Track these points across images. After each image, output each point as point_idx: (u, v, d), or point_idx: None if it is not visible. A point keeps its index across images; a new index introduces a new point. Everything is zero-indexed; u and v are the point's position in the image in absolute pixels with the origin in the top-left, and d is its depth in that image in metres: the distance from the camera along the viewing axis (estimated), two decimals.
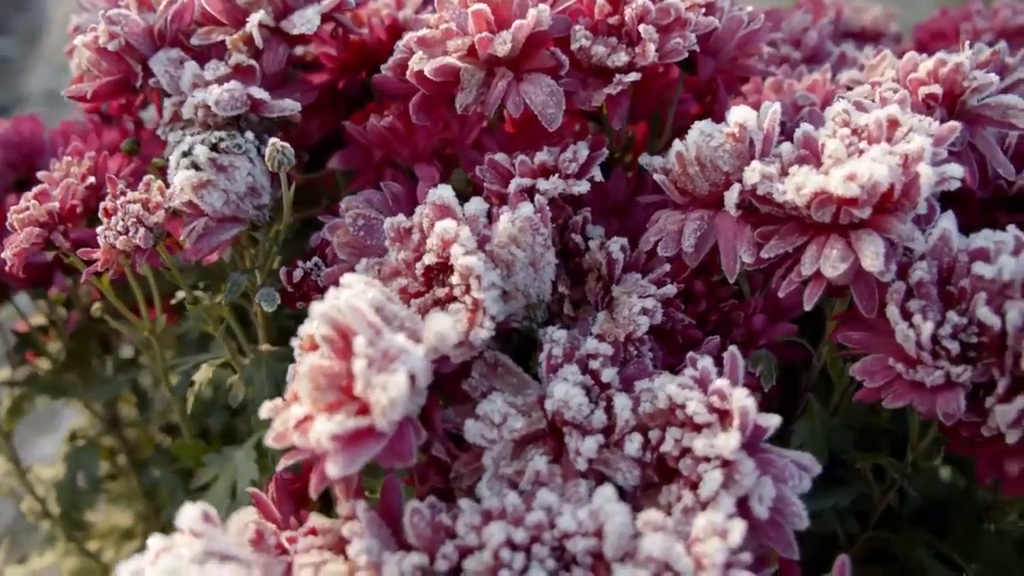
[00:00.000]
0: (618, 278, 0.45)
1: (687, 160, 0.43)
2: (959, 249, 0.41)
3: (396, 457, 0.36)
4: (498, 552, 0.34)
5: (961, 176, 0.41)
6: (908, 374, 0.40)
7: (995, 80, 0.48)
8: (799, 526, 0.37)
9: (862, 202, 0.39)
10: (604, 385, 0.40)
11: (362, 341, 0.34)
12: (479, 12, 0.44)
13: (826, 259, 0.39)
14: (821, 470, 0.45)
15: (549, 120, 0.44)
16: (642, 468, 0.39)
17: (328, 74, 0.56)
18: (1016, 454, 0.39)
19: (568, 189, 0.44)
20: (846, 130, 0.43)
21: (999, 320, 0.39)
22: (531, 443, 0.40)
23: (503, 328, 0.44)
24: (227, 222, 0.45)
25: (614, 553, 0.34)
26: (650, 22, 0.46)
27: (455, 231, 0.40)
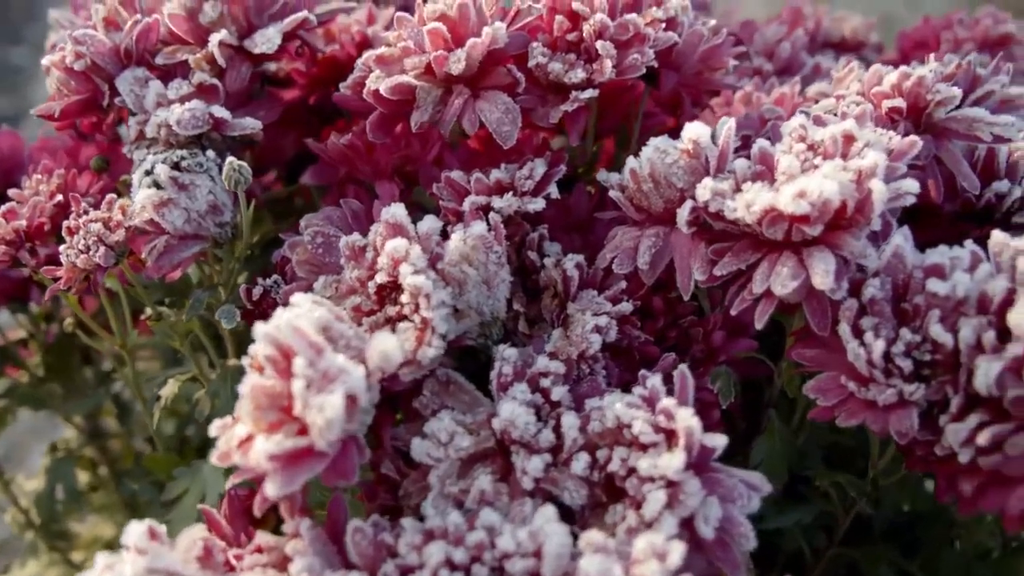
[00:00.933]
0: (574, 295, 0.45)
1: (641, 177, 0.43)
2: (914, 265, 0.40)
3: (339, 476, 0.36)
4: (437, 572, 0.34)
5: (917, 191, 0.41)
6: (860, 392, 0.39)
7: (958, 93, 0.47)
8: (747, 547, 0.37)
9: (813, 219, 0.39)
10: (554, 404, 0.40)
11: (301, 362, 0.34)
12: (435, 30, 0.44)
13: (777, 276, 0.39)
14: (773, 488, 0.45)
15: (504, 137, 0.44)
16: (590, 487, 0.39)
17: (300, 90, 0.57)
18: (969, 473, 0.38)
19: (523, 207, 0.44)
20: (802, 145, 0.43)
21: (952, 338, 0.38)
22: (479, 462, 0.40)
23: (457, 346, 0.44)
24: (188, 240, 0.46)
25: (552, 573, 0.34)
26: (608, 38, 0.46)
27: (405, 250, 0.40)
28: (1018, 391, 0.36)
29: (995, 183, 0.51)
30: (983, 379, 0.37)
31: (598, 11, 0.46)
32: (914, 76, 0.48)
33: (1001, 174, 0.51)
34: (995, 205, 0.51)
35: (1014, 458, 0.37)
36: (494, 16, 0.46)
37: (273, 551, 0.37)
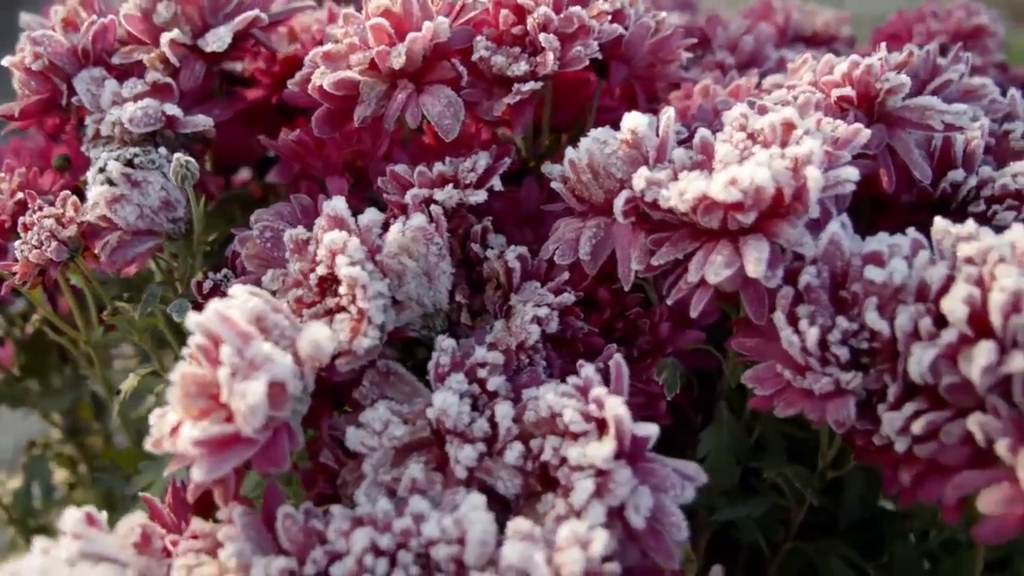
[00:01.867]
0: (517, 287, 0.45)
1: (580, 168, 0.43)
2: (853, 253, 0.40)
3: (270, 463, 0.37)
4: (362, 558, 0.35)
5: (856, 179, 0.41)
6: (797, 381, 0.39)
7: (906, 81, 0.47)
8: (678, 536, 0.37)
9: (747, 207, 0.39)
10: (491, 394, 0.41)
11: (228, 350, 0.35)
12: (378, 26, 0.45)
13: (711, 265, 0.39)
14: (721, 480, 0.45)
15: (446, 131, 0.44)
16: (524, 477, 0.39)
17: (263, 89, 0.58)
18: (908, 462, 0.38)
19: (465, 199, 0.44)
20: (742, 134, 0.43)
21: (888, 325, 0.38)
22: (415, 451, 0.40)
23: (400, 337, 0.45)
24: (142, 235, 0.46)
25: (475, 561, 0.34)
26: (553, 31, 0.46)
27: (343, 242, 0.41)
28: (952, 378, 0.36)
29: (951, 172, 0.50)
30: (916, 366, 0.36)
31: (542, 4, 0.46)
32: (863, 65, 0.47)
33: (957, 163, 0.51)
34: (951, 195, 0.50)
35: (950, 447, 0.36)
36: (440, 11, 0.47)
37: (207, 537, 0.37)
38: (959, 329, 0.36)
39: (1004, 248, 0.38)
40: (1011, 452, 0.34)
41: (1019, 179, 0.49)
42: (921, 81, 0.54)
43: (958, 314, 0.36)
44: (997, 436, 0.35)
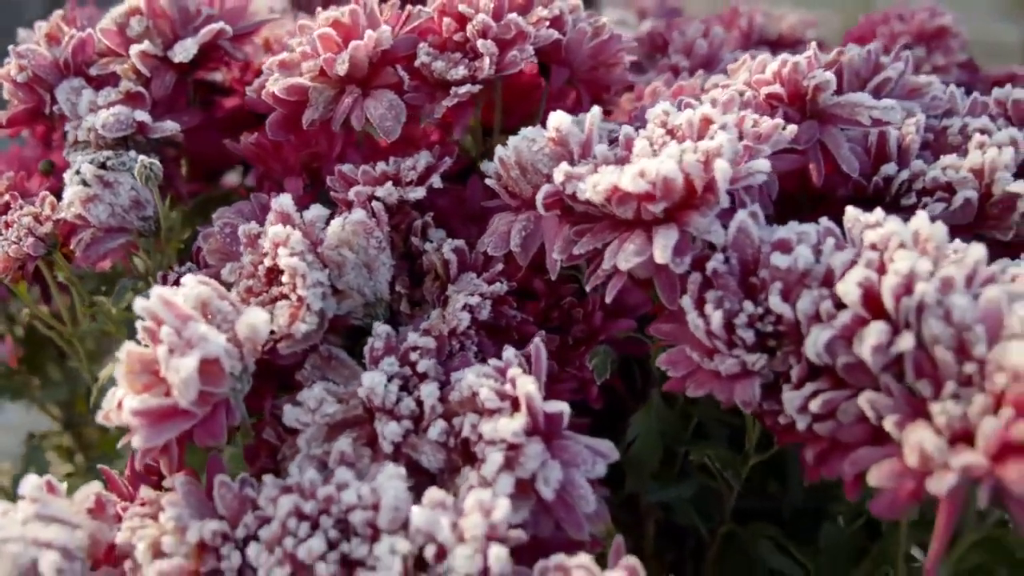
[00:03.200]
0: (454, 278, 0.48)
1: (508, 164, 0.46)
2: (763, 241, 0.42)
3: (208, 435, 0.40)
4: (286, 521, 0.37)
5: (767, 170, 0.43)
6: (705, 363, 0.41)
7: (830, 79, 0.49)
8: (587, 508, 0.39)
9: (657, 197, 0.41)
10: (421, 375, 0.43)
11: (167, 330, 0.38)
12: (325, 35, 0.48)
13: (623, 252, 0.41)
14: (649, 463, 0.47)
15: (387, 132, 0.47)
16: (447, 452, 0.41)
17: (239, 98, 0.62)
18: (813, 441, 0.39)
19: (405, 195, 0.47)
20: (661, 130, 0.45)
21: (789, 309, 0.40)
22: (347, 428, 0.43)
23: (343, 325, 0.47)
24: (114, 232, 0.50)
25: (387, 524, 0.37)
26: (492, 37, 0.49)
27: (286, 235, 0.44)
28: (848, 358, 0.38)
29: (884, 166, 0.51)
30: (813, 347, 0.38)
31: (481, 12, 0.49)
32: (790, 63, 0.49)
33: (892, 158, 0.52)
34: (884, 188, 0.52)
35: (847, 425, 0.38)
36: (389, 20, 0.50)
37: (153, 503, 0.40)
38: (854, 311, 0.37)
39: (906, 234, 0.40)
40: (898, 428, 0.36)
41: (948, 172, 0.50)
42: (862, 79, 0.55)
43: (852, 296, 0.37)
44: (886, 413, 0.36)
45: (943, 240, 0.40)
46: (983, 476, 0.33)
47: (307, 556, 0.36)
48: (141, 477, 0.43)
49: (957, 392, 0.35)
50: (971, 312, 0.36)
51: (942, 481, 0.33)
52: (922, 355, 0.36)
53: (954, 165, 0.50)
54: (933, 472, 0.34)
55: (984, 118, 0.54)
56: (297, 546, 0.37)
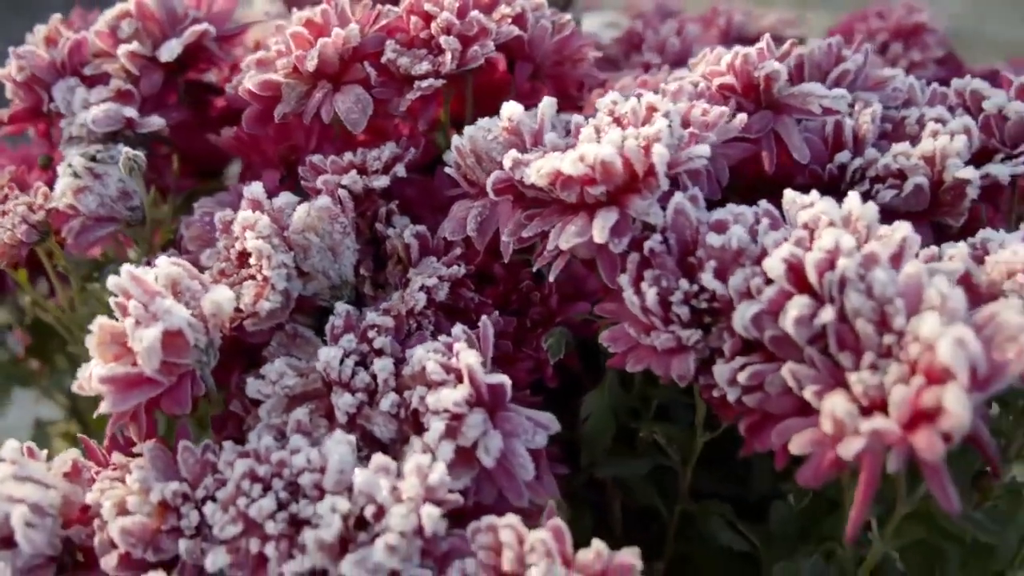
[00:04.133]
0: (416, 262, 0.50)
1: (464, 153, 0.48)
2: (701, 222, 0.43)
3: (174, 404, 0.43)
4: (240, 483, 0.40)
5: (707, 155, 0.44)
6: (643, 339, 0.43)
7: (779, 68, 0.50)
8: (526, 477, 0.41)
9: (598, 181, 0.43)
10: (377, 351, 0.45)
11: (134, 304, 0.41)
12: (297, 33, 0.51)
13: (565, 233, 0.43)
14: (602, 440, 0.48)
15: (352, 124, 0.50)
16: (398, 423, 0.44)
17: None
18: (745, 414, 0.41)
19: (369, 184, 0.50)
20: (608, 118, 0.47)
21: (720, 285, 0.41)
22: (306, 400, 0.45)
23: (310, 305, 0.50)
24: (103, 221, 0.54)
25: (332, 486, 0.39)
26: (456, 34, 0.52)
27: (254, 220, 0.47)
28: (774, 331, 0.39)
29: (838, 155, 0.53)
30: (740, 320, 0.39)
31: (445, 11, 0.52)
32: (741, 54, 0.51)
33: (848, 146, 0.53)
34: (838, 176, 0.53)
35: (775, 396, 0.39)
36: (361, 19, 0.53)
37: (123, 467, 0.43)
38: (779, 285, 0.39)
39: (835, 214, 0.41)
40: (817, 397, 0.37)
41: (900, 159, 0.51)
42: (823, 72, 0.57)
43: (777, 271, 0.39)
44: (807, 383, 0.37)
45: (873, 219, 0.41)
46: (895, 442, 0.35)
47: (258, 515, 0.39)
48: (116, 445, 0.46)
49: (876, 363, 0.37)
50: (892, 286, 0.37)
51: (851, 446, 0.34)
52: (844, 327, 0.38)
53: (905, 153, 0.51)
54: (844, 438, 0.35)
55: (940, 108, 0.55)
56: (249, 505, 0.39)
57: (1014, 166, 0.52)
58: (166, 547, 0.40)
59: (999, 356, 0.35)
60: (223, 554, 0.39)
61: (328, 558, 0.37)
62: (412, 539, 0.37)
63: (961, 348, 0.33)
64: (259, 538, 0.39)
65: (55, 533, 0.41)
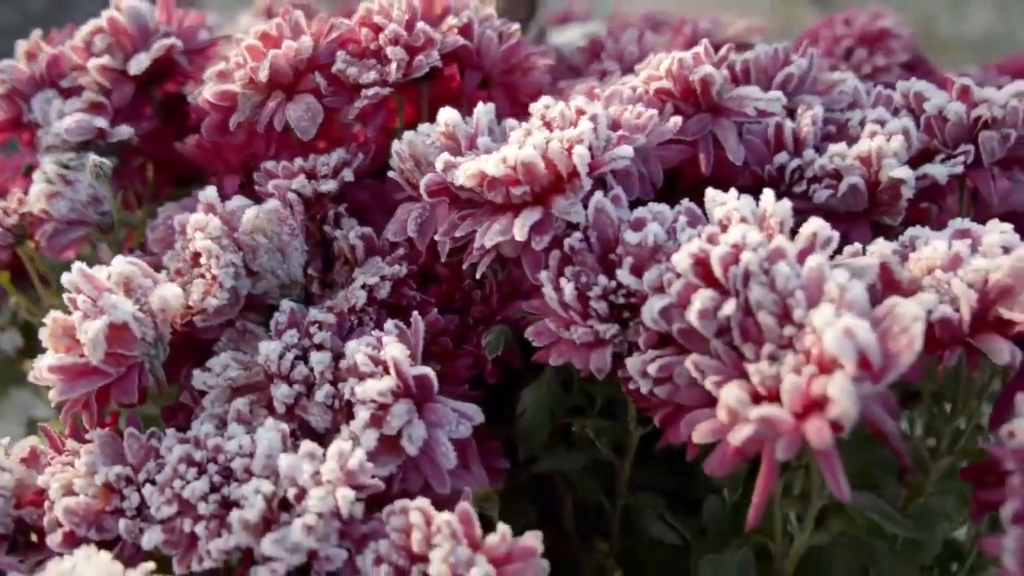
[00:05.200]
0: (361, 262, 0.52)
1: (404, 157, 0.50)
2: (622, 220, 0.45)
3: (122, 393, 0.45)
4: (177, 466, 0.42)
5: (629, 155, 0.46)
6: (562, 333, 0.44)
7: (711, 72, 0.52)
8: (448, 465, 0.43)
9: (522, 181, 0.45)
10: (317, 346, 0.48)
11: (82, 298, 0.44)
12: (252, 46, 0.54)
13: (489, 232, 0.45)
14: (538, 434, 0.50)
15: (302, 132, 0.53)
16: (333, 414, 0.46)
17: None
18: (660, 406, 0.42)
19: (318, 188, 0.52)
20: (539, 122, 0.49)
21: (635, 281, 0.43)
22: (249, 391, 0.47)
23: (261, 304, 0.52)
24: (74, 225, 0.57)
25: (260, 469, 0.41)
26: (403, 44, 0.54)
27: (206, 221, 0.50)
28: (680, 324, 0.40)
29: (777, 156, 0.54)
30: (648, 314, 0.41)
31: (393, 22, 0.54)
32: (677, 59, 0.52)
33: (788, 148, 0.54)
34: (777, 177, 0.54)
35: (684, 387, 0.41)
36: (314, 32, 0.56)
37: (75, 453, 0.46)
38: (686, 279, 0.40)
39: (747, 210, 0.42)
40: (717, 387, 0.38)
41: (835, 160, 0.52)
42: (770, 76, 0.58)
43: (683, 265, 0.40)
44: (709, 374, 0.39)
45: (786, 216, 0.42)
46: (787, 430, 0.36)
47: (191, 496, 0.41)
48: (75, 434, 0.49)
49: (775, 354, 0.38)
50: (794, 279, 0.38)
51: (740, 433, 0.35)
52: (748, 320, 0.39)
53: (841, 153, 0.52)
54: (736, 426, 0.36)
55: (881, 109, 0.55)
56: (184, 488, 0.41)
57: (952, 166, 0.53)
58: (109, 527, 0.43)
59: (893, 346, 0.36)
60: (158, 533, 0.41)
61: (251, 536, 0.39)
62: (330, 520, 0.39)
63: (848, 338, 0.34)
64: (192, 518, 0.41)
65: (6, 513, 0.43)
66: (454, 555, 0.36)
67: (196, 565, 0.40)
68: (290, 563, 0.39)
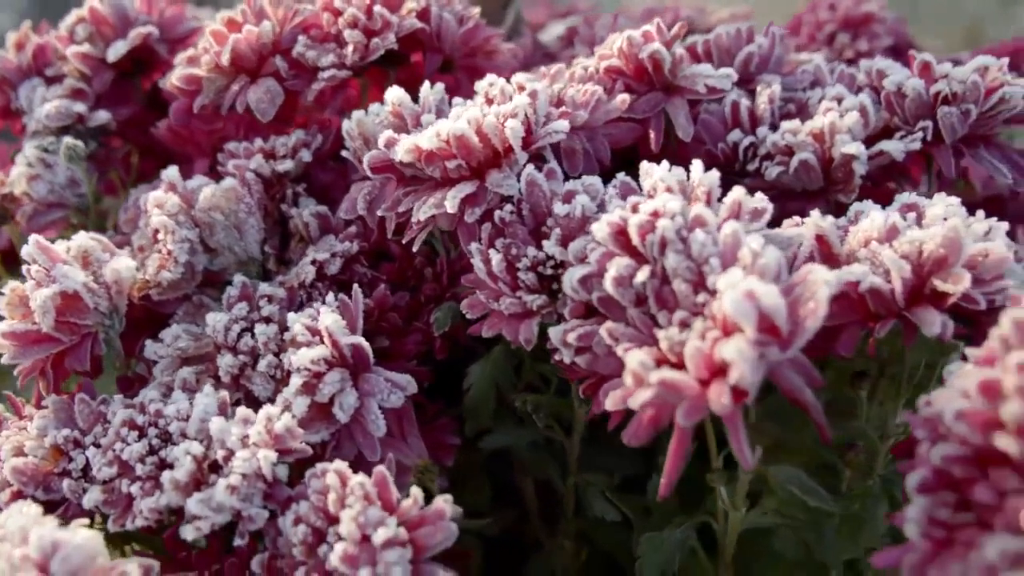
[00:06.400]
0: (316, 239, 0.53)
1: (352, 136, 0.51)
2: (555, 194, 0.45)
3: (76, 361, 0.47)
4: (119, 429, 0.44)
5: (565, 129, 0.46)
6: (492, 305, 0.44)
7: (659, 49, 0.51)
8: (378, 433, 0.44)
9: (457, 155, 0.45)
10: (265, 319, 0.49)
11: (35, 268, 0.46)
12: (217, 31, 0.56)
13: (424, 206, 0.46)
14: (482, 409, 0.50)
15: (261, 113, 0.54)
16: (275, 383, 0.47)
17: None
18: (585, 375, 0.42)
19: (275, 167, 0.54)
20: (482, 98, 0.49)
21: (561, 251, 0.43)
22: (198, 361, 0.49)
23: (220, 279, 0.54)
24: (53, 207, 0.60)
25: (194, 432, 0.43)
26: (361, 28, 0.55)
27: (165, 199, 0.51)
28: (599, 292, 0.40)
29: (730, 134, 0.53)
30: (568, 283, 0.41)
31: (352, 7, 0.55)
32: (626, 38, 0.52)
33: (745, 126, 0.54)
34: (731, 154, 0.53)
35: (602, 356, 0.40)
36: (279, 17, 0.57)
37: (31, 418, 0.48)
38: (605, 247, 0.40)
39: (671, 180, 0.42)
40: (626, 353, 0.38)
41: (787, 136, 0.51)
42: (732, 56, 0.57)
43: (602, 234, 0.40)
44: (622, 341, 0.39)
45: (713, 185, 0.42)
46: (692, 395, 0.35)
47: (129, 457, 0.43)
48: (39, 404, 0.51)
49: (687, 320, 0.37)
50: (710, 246, 0.38)
51: (640, 396, 0.35)
52: (666, 288, 0.39)
53: (794, 129, 0.52)
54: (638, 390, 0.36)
55: (840, 87, 0.54)
56: (123, 449, 0.43)
57: (909, 142, 0.52)
58: (56, 487, 0.45)
59: (802, 312, 0.35)
60: (98, 492, 0.43)
61: (181, 496, 0.41)
62: (254, 481, 0.40)
63: (750, 301, 0.34)
64: (130, 479, 0.43)
65: None
66: (364, 515, 0.37)
67: (130, 524, 0.42)
68: (215, 522, 0.40)
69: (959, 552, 0.32)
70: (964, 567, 0.32)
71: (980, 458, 0.33)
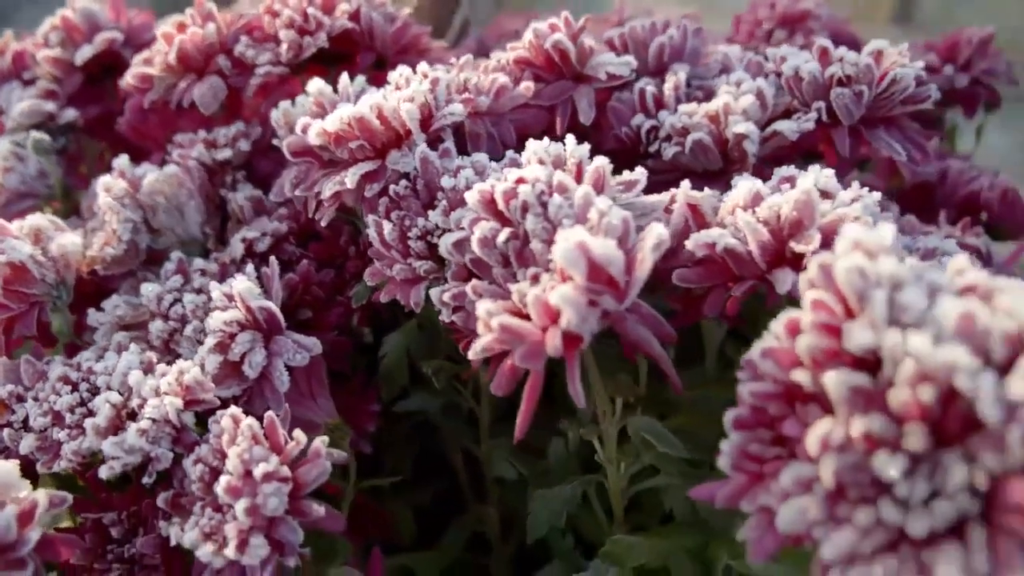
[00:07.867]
0: (249, 221, 0.58)
1: (279, 124, 0.56)
2: (447, 169, 0.49)
3: (24, 327, 0.52)
4: (55, 384, 0.49)
5: (460, 113, 0.50)
6: (386, 271, 0.48)
7: (562, 40, 0.55)
8: (282, 388, 0.48)
9: (359, 137, 0.50)
10: (197, 290, 0.54)
11: None
12: (166, 33, 0.61)
13: (329, 183, 0.50)
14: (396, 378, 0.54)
15: (204, 107, 0.59)
16: (199, 346, 0.51)
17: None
18: (464, 335, 0.45)
19: (215, 156, 0.59)
20: (392, 87, 0.53)
21: (445, 220, 0.46)
22: (135, 328, 0.54)
23: (162, 258, 0.59)
24: (25, 196, 0.66)
25: (117, 385, 0.47)
26: (296, 28, 0.60)
27: (113, 184, 0.57)
28: (471, 255, 0.44)
29: (634, 118, 0.56)
30: (443, 246, 0.45)
31: (288, 9, 0.60)
32: (533, 30, 0.56)
33: (650, 111, 0.57)
34: (635, 138, 0.57)
35: (472, 313, 0.44)
36: (229, 20, 0.63)
37: None
38: (474, 212, 0.44)
39: (542, 151, 0.46)
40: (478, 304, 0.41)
41: (683, 118, 0.54)
42: (646, 47, 0.61)
43: (472, 200, 0.44)
44: (485, 296, 0.42)
45: (583, 156, 0.45)
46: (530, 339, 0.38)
47: (61, 408, 0.47)
48: None
49: (539, 276, 0.41)
50: (565, 209, 0.41)
51: (482, 341, 0.39)
52: (527, 249, 0.42)
53: (691, 112, 0.55)
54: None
55: (742, 72, 0.57)
56: (56, 401, 0.48)
57: (803, 122, 0.54)
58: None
59: (636, 265, 0.38)
60: (32, 440, 0.48)
61: (100, 439, 0.45)
62: (162, 426, 0.44)
63: (580, 251, 0.37)
64: (60, 427, 0.47)
65: None
66: (249, 452, 0.41)
67: (57, 467, 0.46)
68: (127, 462, 0.44)
69: (767, 484, 0.35)
70: (768, 496, 0.34)
71: (789, 395, 0.35)
